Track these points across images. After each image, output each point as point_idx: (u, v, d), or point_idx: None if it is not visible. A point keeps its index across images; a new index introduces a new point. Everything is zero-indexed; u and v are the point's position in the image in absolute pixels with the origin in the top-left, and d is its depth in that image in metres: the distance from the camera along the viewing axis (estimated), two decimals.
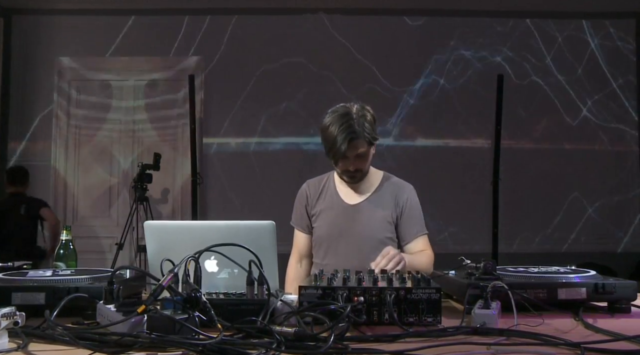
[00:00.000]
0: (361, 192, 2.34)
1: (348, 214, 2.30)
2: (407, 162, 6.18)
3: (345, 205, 2.32)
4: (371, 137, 2.17)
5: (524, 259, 2.39)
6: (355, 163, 2.19)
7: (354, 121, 2.13)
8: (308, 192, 2.40)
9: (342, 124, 2.12)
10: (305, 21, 6.36)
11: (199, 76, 6.18)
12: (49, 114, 6.37)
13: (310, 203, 2.38)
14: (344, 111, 2.17)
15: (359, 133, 2.13)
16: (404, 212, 2.31)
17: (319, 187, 2.39)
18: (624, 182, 6.42)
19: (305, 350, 1.15)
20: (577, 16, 6.42)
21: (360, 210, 2.31)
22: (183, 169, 6.24)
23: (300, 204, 2.41)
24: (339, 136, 2.11)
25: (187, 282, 1.33)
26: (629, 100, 6.45)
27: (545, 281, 1.64)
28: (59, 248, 2.05)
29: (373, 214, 2.29)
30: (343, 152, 2.13)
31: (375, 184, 2.36)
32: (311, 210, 2.38)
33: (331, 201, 2.35)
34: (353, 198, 2.33)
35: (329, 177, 2.41)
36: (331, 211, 2.33)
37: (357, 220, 2.29)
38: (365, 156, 2.20)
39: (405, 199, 2.33)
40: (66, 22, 6.37)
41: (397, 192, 2.34)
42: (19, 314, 1.23)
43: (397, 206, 2.31)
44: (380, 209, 2.30)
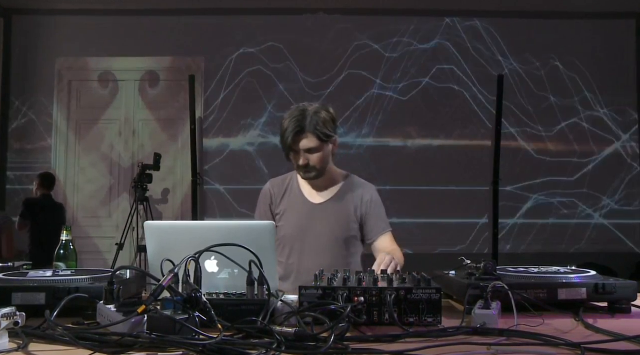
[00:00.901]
0: (324, 191, 2.37)
1: (312, 213, 2.33)
2: (407, 162, 6.18)
3: (309, 204, 2.35)
4: (321, 133, 2.21)
5: (524, 259, 2.39)
6: (306, 157, 2.23)
7: (305, 117, 2.20)
8: (272, 191, 2.42)
9: (293, 118, 2.21)
10: (305, 21, 6.36)
11: (199, 76, 6.18)
12: (49, 114, 6.37)
13: (274, 202, 2.40)
14: (300, 108, 2.26)
15: (306, 127, 2.19)
16: (368, 210, 2.35)
17: (283, 186, 2.42)
18: (625, 182, 6.42)
19: (305, 350, 1.15)
20: (577, 16, 6.42)
21: (324, 209, 2.34)
22: (183, 169, 6.24)
23: (264, 203, 2.42)
24: (287, 130, 2.20)
25: (187, 282, 1.33)
26: (629, 101, 6.45)
27: (545, 281, 1.64)
28: (59, 248, 2.05)
29: (337, 213, 2.33)
30: (289, 144, 2.21)
31: (339, 184, 2.39)
32: (275, 209, 2.40)
33: (295, 200, 2.37)
34: (317, 197, 2.37)
35: (292, 177, 2.44)
36: (295, 210, 2.35)
37: (322, 219, 2.32)
38: (315, 151, 2.23)
39: (368, 198, 2.37)
40: (66, 22, 6.38)
41: (360, 191, 2.38)
42: (19, 314, 1.23)
43: (360, 205, 2.35)
44: (344, 207, 2.34)
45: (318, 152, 2.24)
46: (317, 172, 2.28)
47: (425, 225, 6.11)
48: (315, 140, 2.21)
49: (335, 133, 2.29)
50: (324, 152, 2.26)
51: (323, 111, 2.25)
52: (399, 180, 6.17)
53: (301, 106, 2.27)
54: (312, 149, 2.23)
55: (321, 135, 2.21)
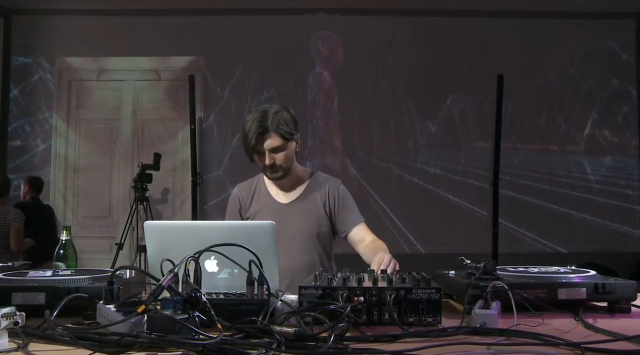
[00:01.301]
0: (292, 190, 2.41)
1: (282, 213, 2.35)
2: (407, 161, 6.18)
3: (278, 205, 2.39)
4: (284, 132, 2.25)
5: (524, 259, 2.39)
6: (271, 157, 2.26)
7: (267, 118, 2.25)
8: (240, 196, 2.45)
9: (255, 120, 2.24)
10: (305, 21, 6.36)
11: (199, 76, 6.18)
12: (49, 114, 6.37)
13: (243, 206, 2.43)
14: (261, 110, 2.30)
15: (269, 127, 2.23)
16: (337, 204, 2.39)
17: (250, 189, 2.45)
18: (624, 182, 6.42)
19: (305, 350, 1.15)
20: (577, 16, 6.42)
21: (293, 208, 2.37)
22: (183, 169, 6.23)
23: (233, 208, 2.44)
24: (250, 131, 2.23)
25: (187, 282, 1.33)
26: (628, 101, 6.45)
27: (545, 281, 1.64)
28: (59, 248, 2.05)
29: (307, 210, 2.36)
30: (253, 145, 2.24)
31: (305, 182, 2.43)
32: (245, 213, 2.43)
33: (264, 202, 2.41)
34: (285, 197, 2.40)
35: (259, 179, 2.48)
36: (265, 212, 2.37)
37: (292, 218, 2.35)
38: (280, 150, 2.27)
39: (336, 193, 2.40)
40: (66, 22, 6.38)
41: (327, 186, 2.41)
42: (19, 314, 1.23)
43: (329, 200, 2.39)
44: (313, 204, 2.38)
45: (282, 151, 2.27)
46: (283, 171, 2.31)
47: (425, 225, 6.11)
48: (279, 140, 2.25)
49: (297, 132, 2.33)
50: (288, 151, 2.30)
51: (284, 111, 2.30)
52: (399, 180, 6.18)
53: (262, 108, 2.31)
54: (277, 148, 2.26)
55: (285, 134, 2.25)
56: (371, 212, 5.94)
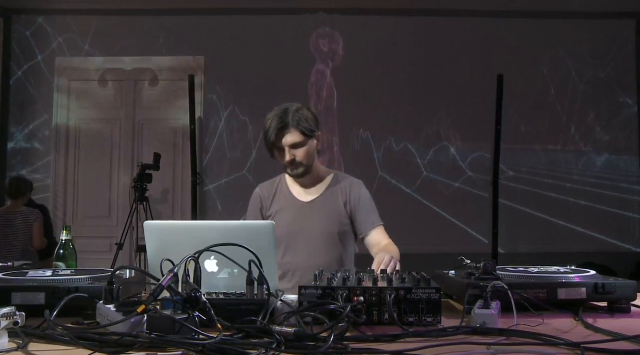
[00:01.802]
0: (314, 189, 2.41)
1: (304, 212, 2.36)
2: (407, 161, 6.18)
3: (300, 203, 2.39)
4: (304, 128, 2.26)
5: (524, 259, 2.39)
6: (292, 153, 2.27)
7: (288, 114, 2.26)
8: (262, 195, 2.46)
9: (276, 117, 2.26)
10: (305, 21, 6.36)
11: (199, 76, 6.18)
12: (49, 114, 6.37)
13: (265, 205, 2.44)
14: (282, 108, 2.31)
15: (289, 123, 2.25)
16: (359, 205, 2.38)
17: (272, 189, 2.46)
18: (624, 182, 6.42)
19: (305, 351, 1.15)
20: (577, 16, 6.42)
21: (315, 206, 2.37)
22: (183, 169, 6.23)
23: (255, 208, 2.45)
24: (271, 128, 2.25)
25: (187, 282, 1.33)
26: (628, 101, 6.45)
27: (545, 281, 1.64)
28: (59, 248, 2.05)
29: (328, 209, 2.36)
30: (273, 141, 2.25)
31: (327, 181, 2.43)
32: (267, 212, 2.43)
33: (286, 201, 2.41)
34: (307, 196, 2.40)
35: (281, 179, 2.48)
36: (287, 210, 2.38)
37: (313, 216, 2.35)
38: (301, 147, 2.27)
39: (357, 194, 2.40)
40: (66, 22, 6.37)
41: (348, 187, 2.41)
42: (19, 314, 1.23)
43: (350, 201, 2.38)
44: (334, 204, 2.37)
45: (303, 148, 2.28)
46: (304, 168, 2.31)
47: (425, 225, 6.10)
48: (300, 136, 2.26)
49: (319, 130, 2.33)
50: (309, 147, 2.30)
51: (305, 109, 2.31)
52: (399, 180, 6.18)
53: (283, 106, 2.32)
54: (297, 145, 2.26)
55: (305, 131, 2.26)
56: None
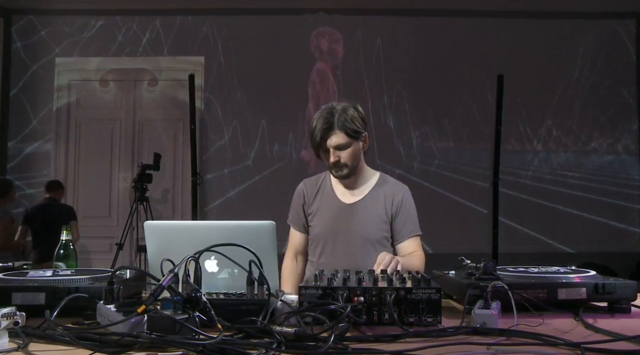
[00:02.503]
0: (357, 191, 2.35)
1: (344, 213, 2.31)
2: (407, 161, 6.18)
3: (341, 204, 2.34)
4: (349, 129, 2.20)
5: (524, 259, 2.39)
6: (336, 154, 2.22)
7: (333, 115, 2.21)
8: (305, 191, 2.41)
9: (321, 117, 2.22)
10: (305, 21, 6.36)
11: (199, 76, 6.18)
12: (49, 114, 6.37)
13: (307, 202, 2.39)
14: (329, 107, 2.26)
15: (334, 124, 2.19)
16: (399, 211, 2.32)
17: (316, 186, 2.41)
18: (624, 182, 6.42)
19: (306, 351, 1.15)
20: (577, 16, 6.42)
21: (356, 209, 2.32)
22: (183, 169, 6.23)
23: (298, 203, 2.41)
24: (316, 128, 2.21)
25: (187, 282, 1.33)
26: (629, 100, 6.45)
27: (545, 281, 1.64)
28: (59, 248, 2.05)
29: (369, 213, 2.31)
30: (318, 141, 2.21)
31: (372, 184, 2.38)
32: (308, 209, 2.39)
33: (328, 200, 2.36)
34: (349, 197, 2.35)
35: (326, 177, 2.43)
36: (328, 210, 2.34)
37: (353, 219, 2.30)
38: (346, 148, 2.22)
39: (400, 199, 2.34)
40: (66, 22, 6.38)
41: (393, 191, 2.36)
42: (19, 314, 1.23)
43: (392, 205, 2.33)
44: (376, 208, 2.32)
45: (348, 149, 2.22)
46: (348, 169, 2.26)
47: (425, 225, 6.10)
48: (344, 137, 2.20)
49: (365, 130, 2.27)
50: (354, 149, 2.24)
51: (351, 109, 2.25)
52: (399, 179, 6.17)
53: (330, 105, 2.26)
54: (342, 146, 2.21)
55: (350, 132, 2.20)
56: None
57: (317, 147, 2.24)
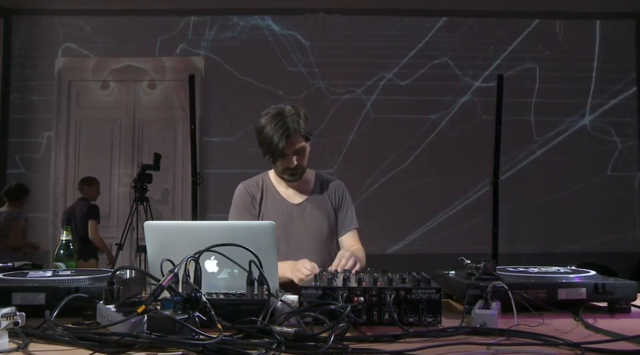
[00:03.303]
0: (301, 191, 2.38)
1: (294, 214, 2.34)
2: (407, 160, 6.18)
3: (289, 205, 2.36)
4: (306, 132, 2.23)
5: (524, 259, 2.39)
6: (295, 159, 2.23)
7: (288, 119, 2.19)
8: (250, 192, 2.38)
9: (277, 123, 2.18)
10: (305, 21, 6.36)
11: (199, 76, 6.18)
12: (49, 114, 6.37)
13: (255, 204, 2.37)
14: (277, 111, 2.23)
15: (294, 129, 2.19)
16: (341, 205, 2.40)
17: (258, 188, 2.39)
18: (624, 183, 6.42)
19: (305, 351, 1.15)
20: (577, 16, 6.42)
21: (305, 208, 2.36)
22: (183, 169, 6.23)
23: (245, 203, 2.36)
24: (275, 135, 2.17)
25: (187, 282, 1.33)
26: (629, 100, 6.45)
27: (545, 281, 1.64)
28: (59, 248, 2.05)
29: (318, 211, 2.35)
30: (281, 149, 2.18)
31: (312, 182, 2.42)
32: (255, 210, 2.37)
33: (274, 202, 2.36)
34: (295, 198, 2.38)
35: (264, 179, 2.42)
36: (276, 212, 2.34)
37: (303, 219, 2.34)
38: (303, 152, 2.25)
39: (340, 194, 2.41)
40: (66, 22, 6.38)
41: (334, 187, 2.42)
42: (19, 314, 1.23)
43: (334, 200, 2.39)
44: (323, 205, 2.38)
45: (304, 152, 2.26)
46: (302, 172, 2.30)
47: (425, 225, 6.11)
48: (302, 141, 2.23)
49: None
50: (307, 150, 2.29)
51: (300, 111, 2.26)
52: (398, 180, 6.17)
53: (277, 109, 2.24)
54: (301, 150, 2.24)
55: (307, 135, 2.23)
56: (370, 212, 5.94)
57: (278, 152, 2.19)
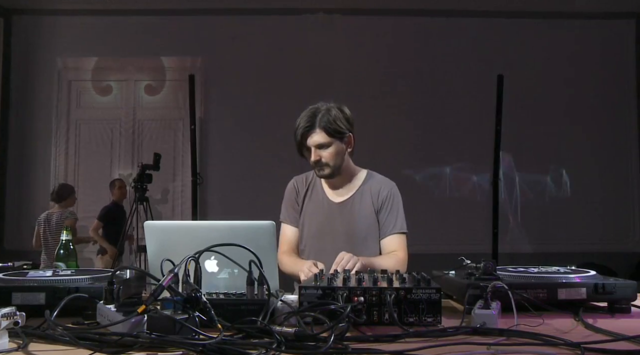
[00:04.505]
0: (346, 189, 2.37)
1: (334, 212, 2.33)
2: (406, 160, 6.18)
3: (331, 203, 2.35)
4: (331, 129, 2.21)
5: (524, 259, 2.39)
6: (318, 153, 2.23)
7: (317, 114, 2.23)
8: (297, 187, 2.42)
9: (305, 116, 2.25)
10: (305, 21, 6.36)
11: (199, 76, 6.18)
12: (49, 114, 6.37)
13: (299, 199, 2.40)
14: (313, 107, 2.28)
15: (316, 123, 2.21)
16: (383, 206, 2.33)
17: (306, 184, 2.42)
18: (624, 183, 6.42)
19: (306, 351, 1.15)
20: (577, 16, 6.42)
21: (345, 207, 2.33)
22: (183, 169, 6.23)
23: (291, 198, 2.41)
24: (299, 127, 2.24)
25: (187, 282, 1.33)
26: (628, 100, 6.45)
27: (545, 281, 1.64)
28: (59, 248, 2.05)
29: (358, 211, 2.32)
30: (299, 140, 2.24)
31: (359, 182, 2.39)
32: (298, 206, 2.40)
33: (317, 198, 2.38)
34: (338, 196, 2.36)
35: (314, 175, 2.42)
36: (317, 208, 2.35)
37: (343, 217, 2.31)
38: (327, 147, 2.23)
39: (386, 194, 2.34)
40: (66, 22, 6.38)
41: (379, 187, 2.36)
42: (19, 314, 1.23)
43: (377, 200, 2.33)
44: (363, 205, 2.33)
45: (329, 148, 2.23)
46: (330, 169, 2.26)
47: (425, 225, 6.10)
48: (325, 136, 2.21)
49: (350, 132, 2.27)
50: (336, 148, 2.24)
51: (335, 109, 2.26)
52: (398, 180, 6.17)
53: (315, 105, 2.29)
54: (323, 145, 2.22)
55: (331, 131, 2.21)
56: None
57: (299, 145, 2.26)
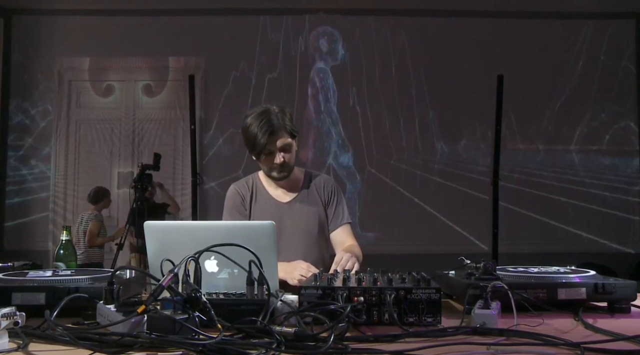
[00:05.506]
0: (290, 189, 2.40)
1: (283, 212, 2.35)
2: (406, 160, 6.18)
3: (278, 203, 2.38)
4: (292, 129, 2.25)
5: (524, 259, 2.39)
6: (281, 156, 2.25)
7: (273, 116, 2.23)
8: (241, 193, 2.41)
9: (261, 120, 2.21)
10: (305, 21, 6.36)
11: (199, 76, 6.18)
12: (49, 114, 6.37)
13: (245, 204, 2.40)
14: (262, 110, 2.27)
15: (279, 126, 2.22)
16: (331, 200, 2.41)
17: (248, 188, 2.42)
18: (625, 182, 6.41)
19: (305, 351, 1.15)
20: (577, 16, 6.42)
21: (294, 206, 2.37)
22: (183, 169, 6.23)
23: (235, 204, 2.39)
24: (259, 132, 2.20)
25: (187, 282, 1.33)
26: (629, 100, 6.45)
27: (545, 281, 1.64)
28: (59, 248, 2.05)
29: (308, 209, 2.37)
30: (264, 145, 2.21)
31: (301, 181, 2.43)
32: (246, 210, 2.39)
33: (264, 202, 2.39)
34: (284, 197, 2.40)
35: (254, 179, 2.45)
36: (266, 211, 2.36)
37: (293, 216, 2.35)
38: (289, 149, 2.27)
39: (330, 189, 2.42)
40: (66, 22, 6.38)
41: (322, 183, 2.43)
42: (19, 314, 1.23)
43: (324, 195, 2.41)
44: (314, 202, 2.39)
45: (291, 150, 2.28)
46: (289, 170, 2.31)
47: (425, 225, 6.10)
48: (289, 138, 2.25)
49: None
50: (294, 149, 2.31)
51: (286, 109, 2.30)
52: (398, 181, 6.18)
53: (262, 108, 2.28)
54: (287, 147, 2.26)
55: (293, 132, 2.26)
56: (370, 211, 5.94)
57: (261, 150, 2.23)
